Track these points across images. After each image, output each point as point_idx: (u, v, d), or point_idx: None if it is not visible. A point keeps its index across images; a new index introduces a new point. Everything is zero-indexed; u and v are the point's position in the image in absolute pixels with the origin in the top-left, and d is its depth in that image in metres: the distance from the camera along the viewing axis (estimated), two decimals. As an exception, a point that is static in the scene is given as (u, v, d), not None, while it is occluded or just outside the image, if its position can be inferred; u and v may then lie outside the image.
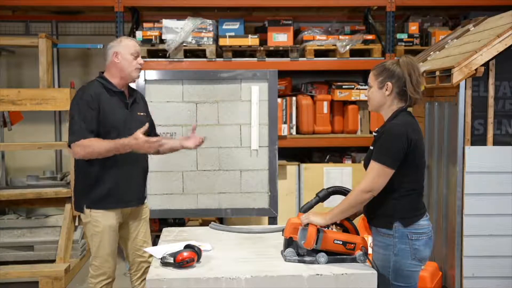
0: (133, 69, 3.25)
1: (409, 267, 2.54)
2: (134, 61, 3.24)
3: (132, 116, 3.27)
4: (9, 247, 5.02)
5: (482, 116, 3.98)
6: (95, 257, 3.23)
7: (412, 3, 5.91)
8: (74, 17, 6.66)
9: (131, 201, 3.31)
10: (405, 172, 2.53)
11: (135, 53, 3.25)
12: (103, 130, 3.14)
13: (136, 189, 3.34)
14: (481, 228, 3.97)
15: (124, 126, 3.19)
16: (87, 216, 3.21)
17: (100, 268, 3.22)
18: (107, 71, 3.28)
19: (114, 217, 3.22)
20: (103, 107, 3.15)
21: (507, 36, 3.86)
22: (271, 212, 4.42)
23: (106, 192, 3.18)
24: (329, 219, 2.55)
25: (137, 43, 3.34)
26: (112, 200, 3.20)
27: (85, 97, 3.14)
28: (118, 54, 3.22)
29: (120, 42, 3.27)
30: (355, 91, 5.75)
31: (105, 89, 3.21)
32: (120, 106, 3.24)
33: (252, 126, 4.38)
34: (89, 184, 3.19)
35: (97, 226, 3.19)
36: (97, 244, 3.20)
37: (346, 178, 5.56)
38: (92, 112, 3.10)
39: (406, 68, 2.57)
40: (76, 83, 5.43)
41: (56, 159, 6.69)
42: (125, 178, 3.23)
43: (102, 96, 3.17)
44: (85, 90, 3.20)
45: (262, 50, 5.61)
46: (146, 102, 3.55)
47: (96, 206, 3.19)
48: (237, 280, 2.36)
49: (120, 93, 3.26)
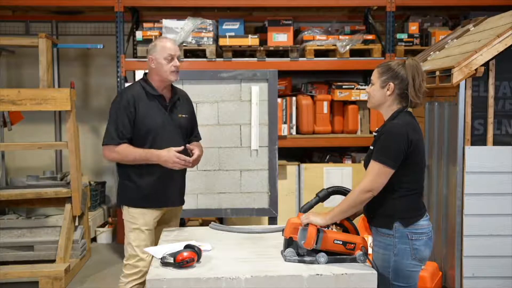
0: (169, 73, 3.23)
1: (409, 267, 2.54)
2: (169, 65, 3.22)
3: (171, 119, 3.27)
4: (9, 247, 5.01)
5: (482, 116, 3.98)
6: (130, 255, 3.21)
7: (412, 3, 5.92)
8: (74, 17, 6.66)
9: (170, 201, 3.34)
10: (405, 172, 2.53)
11: (168, 57, 3.21)
12: (140, 133, 3.19)
13: (175, 189, 3.35)
14: (481, 228, 3.97)
15: (162, 129, 3.22)
16: (125, 213, 3.26)
17: (135, 267, 3.19)
18: (149, 73, 3.31)
19: (151, 216, 3.24)
20: (140, 111, 3.18)
21: (507, 36, 3.86)
22: (271, 212, 4.42)
23: (145, 192, 3.21)
24: (329, 219, 2.55)
25: (172, 44, 3.28)
26: (151, 199, 3.23)
27: (123, 101, 3.19)
28: (153, 60, 3.24)
29: (155, 46, 3.26)
30: (355, 91, 5.76)
31: (145, 92, 3.24)
32: (158, 109, 3.24)
33: (252, 126, 4.37)
34: (129, 182, 3.24)
35: (134, 224, 3.21)
36: (132, 241, 3.20)
37: (346, 178, 5.56)
38: (128, 117, 3.16)
39: (411, 71, 2.57)
40: (76, 83, 5.43)
41: (56, 159, 6.70)
42: (165, 178, 3.24)
43: (140, 99, 3.20)
44: (124, 93, 3.25)
45: (262, 50, 5.61)
46: (190, 102, 3.52)
47: (135, 204, 3.23)
48: (237, 280, 2.36)
49: (159, 96, 3.26)
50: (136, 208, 3.23)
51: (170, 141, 3.20)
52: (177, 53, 3.28)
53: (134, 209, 3.23)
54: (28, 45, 5.39)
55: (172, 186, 3.31)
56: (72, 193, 5.01)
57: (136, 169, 3.21)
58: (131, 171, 3.22)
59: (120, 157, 3.19)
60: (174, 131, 3.26)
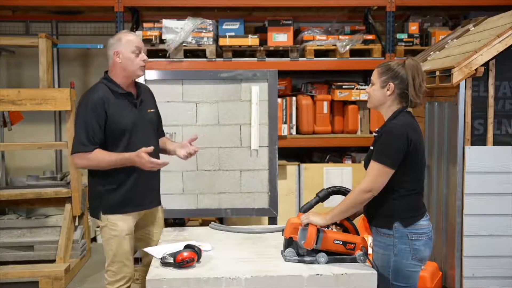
0: (137, 68, 3.09)
1: (409, 267, 2.54)
2: (137, 59, 3.09)
3: (141, 115, 3.15)
4: (9, 247, 5.01)
5: (482, 116, 3.98)
6: (112, 262, 3.09)
7: (412, 3, 5.91)
8: (74, 17, 6.66)
9: (147, 203, 3.22)
10: (405, 172, 2.53)
11: (136, 50, 3.08)
12: (114, 134, 3.04)
13: (151, 191, 3.25)
14: (481, 228, 3.97)
15: (135, 127, 3.09)
16: (103, 220, 3.10)
17: (118, 273, 3.08)
18: (111, 71, 3.13)
19: (131, 220, 3.13)
20: (111, 113, 3.02)
21: (507, 36, 3.86)
22: (271, 212, 4.41)
23: (122, 197, 3.08)
24: (329, 219, 2.56)
25: (137, 37, 3.16)
26: (129, 204, 3.11)
27: (90, 105, 3.01)
28: (119, 53, 3.07)
29: (120, 39, 3.10)
30: (355, 91, 5.75)
31: (111, 91, 3.07)
32: (128, 108, 3.10)
33: (252, 126, 4.37)
34: (105, 189, 3.09)
35: (114, 230, 3.07)
36: (114, 248, 3.07)
37: (346, 178, 5.56)
38: (98, 121, 2.99)
39: (411, 71, 2.57)
40: (76, 83, 5.42)
41: (56, 159, 6.69)
42: (141, 181, 3.12)
43: (108, 100, 3.03)
44: (90, 96, 3.06)
45: (262, 50, 5.60)
46: (152, 94, 3.37)
47: (113, 211, 3.08)
48: (237, 280, 2.36)
49: (127, 94, 3.12)
50: (114, 215, 3.08)
51: (145, 139, 3.09)
52: (143, 45, 3.15)
53: (112, 215, 3.08)
54: (28, 45, 5.39)
55: (149, 187, 3.20)
56: (72, 193, 5.01)
57: (110, 174, 3.04)
58: (105, 176, 3.06)
59: (93, 164, 3.01)
60: (147, 127, 3.15)
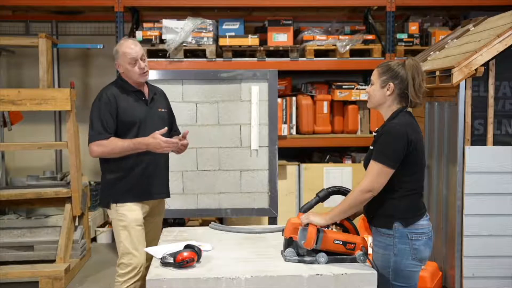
0: (137, 76, 3.27)
1: (409, 267, 2.54)
2: (134, 69, 3.24)
3: (152, 112, 3.31)
4: (9, 247, 5.01)
5: (482, 116, 3.98)
6: (123, 254, 3.19)
7: (412, 3, 5.92)
8: (74, 17, 6.66)
9: (155, 193, 3.34)
10: (405, 172, 2.53)
11: (132, 61, 3.22)
12: (124, 128, 3.20)
13: (160, 181, 3.36)
14: (481, 228, 3.97)
15: (145, 122, 3.24)
16: (113, 212, 3.24)
17: (129, 265, 3.17)
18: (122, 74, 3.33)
19: (139, 211, 3.24)
20: (122, 106, 3.20)
21: (507, 36, 3.86)
22: (271, 212, 4.42)
23: (131, 185, 3.21)
24: (329, 219, 2.56)
25: (134, 47, 3.25)
26: (138, 192, 3.23)
27: (103, 99, 3.20)
28: (119, 65, 3.28)
29: (117, 53, 3.28)
30: (355, 91, 5.76)
31: (123, 89, 3.27)
32: (139, 103, 3.28)
33: (252, 126, 4.38)
34: (114, 178, 3.23)
35: (122, 221, 3.19)
36: (123, 239, 3.18)
37: (346, 178, 5.56)
38: (110, 112, 3.17)
39: (411, 71, 2.57)
40: (76, 83, 5.43)
41: (56, 159, 6.70)
42: (150, 170, 3.26)
43: (119, 96, 3.23)
44: (103, 92, 3.26)
45: (262, 50, 5.61)
46: (166, 98, 3.57)
47: (122, 199, 3.21)
48: (237, 280, 2.36)
49: (138, 92, 3.30)
50: (124, 205, 3.21)
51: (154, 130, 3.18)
52: (140, 53, 3.25)
53: (121, 206, 3.21)
54: (28, 45, 5.39)
55: (158, 177, 3.32)
56: (72, 193, 5.01)
57: (121, 162, 3.19)
58: (116, 165, 3.21)
59: (108, 150, 3.16)
60: (158, 123, 3.27)
